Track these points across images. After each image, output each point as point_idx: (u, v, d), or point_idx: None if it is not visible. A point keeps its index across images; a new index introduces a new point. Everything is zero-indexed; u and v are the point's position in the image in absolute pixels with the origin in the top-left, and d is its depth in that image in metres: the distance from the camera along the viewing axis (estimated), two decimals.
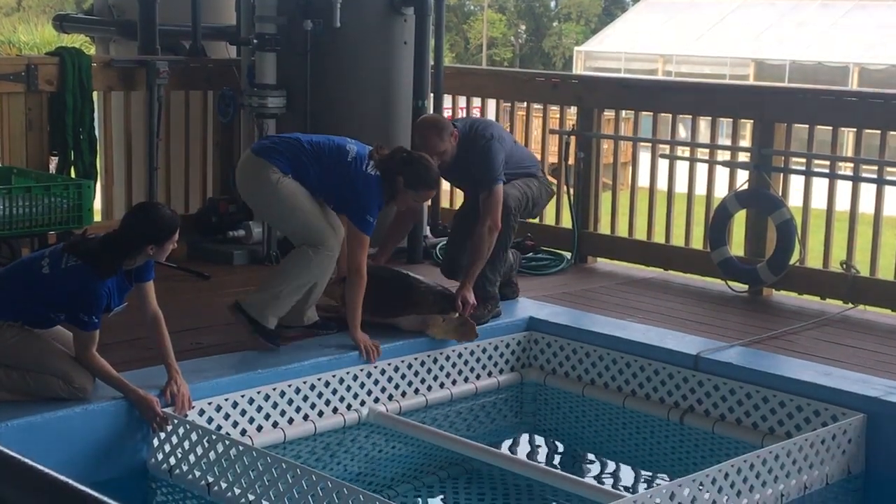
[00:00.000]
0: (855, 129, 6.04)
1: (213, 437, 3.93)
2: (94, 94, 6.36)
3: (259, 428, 4.35)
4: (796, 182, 6.23)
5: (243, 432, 4.29)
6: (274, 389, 4.41)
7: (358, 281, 4.68)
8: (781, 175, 6.16)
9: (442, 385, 5.00)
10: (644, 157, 7.06)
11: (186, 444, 3.99)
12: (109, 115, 6.66)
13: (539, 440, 5.15)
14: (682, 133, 7.24)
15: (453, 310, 4.99)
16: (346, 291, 4.75)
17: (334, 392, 4.60)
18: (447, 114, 7.60)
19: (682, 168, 6.64)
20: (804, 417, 4.49)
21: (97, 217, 6.08)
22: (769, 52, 23.58)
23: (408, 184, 4.75)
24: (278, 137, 4.97)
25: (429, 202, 7.06)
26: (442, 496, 4.45)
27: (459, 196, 7.74)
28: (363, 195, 4.66)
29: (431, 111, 6.84)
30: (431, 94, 6.81)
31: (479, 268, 5.11)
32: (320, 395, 4.56)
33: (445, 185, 7.56)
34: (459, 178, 5.45)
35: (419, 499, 4.36)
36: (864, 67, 22.26)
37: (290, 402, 4.46)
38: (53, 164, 6.26)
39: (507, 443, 5.06)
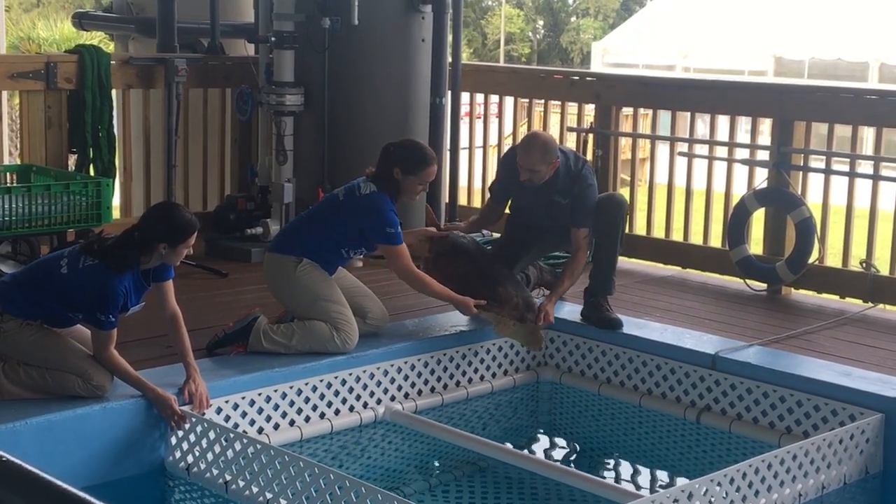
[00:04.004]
0: (875, 127, 6.00)
1: (231, 435, 3.94)
2: (113, 91, 6.38)
3: (276, 426, 4.36)
4: (816, 180, 6.20)
5: (260, 430, 4.31)
6: (291, 387, 4.42)
7: (420, 281, 4.79)
8: (801, 173, 6.13)
9: (458, 383, 5.00)
10: (662, 155, 7.04)
11: (204, 443, 4.00)
12: (128, 113, 6.69)
13: (555, 439, 5.14)
14: (701, 130, 7.21)
15: (532, 320, 4.96)
16: (422, 291, 4.86)
17: (351, 390, 4.61)
18: (464, 110, 7.61)
19: (700, 165, 6.62)
20: (822, 417, 4.47)
21: (116, 214, 6.09)
22: (789, 48, 23.44)
23: (405, 171, 4.74)
24: (285, 225, 5.04)
25: (446, 199, 7.07)
26: (458, 495, 4.45)
27: (477, 193, 7.74)
28: (372, 216, 4.68)
29: (449, 108, 6.85)
30: (449, 91, 6.81)
31: (567, 289, 5.25)
32: (337, 393, 4.57)
33: (463, 181, 7.57)
34: (535, 200, 5.22)
35: (435, 497, 4.36)
36: (885, 63, 22.08)
37: (307, 400, 4.47)
38: (72, 161, 6.29)
39: (523, 441, 5.06)
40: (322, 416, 4.51)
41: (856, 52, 22.41)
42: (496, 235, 7.01)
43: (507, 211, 5.54)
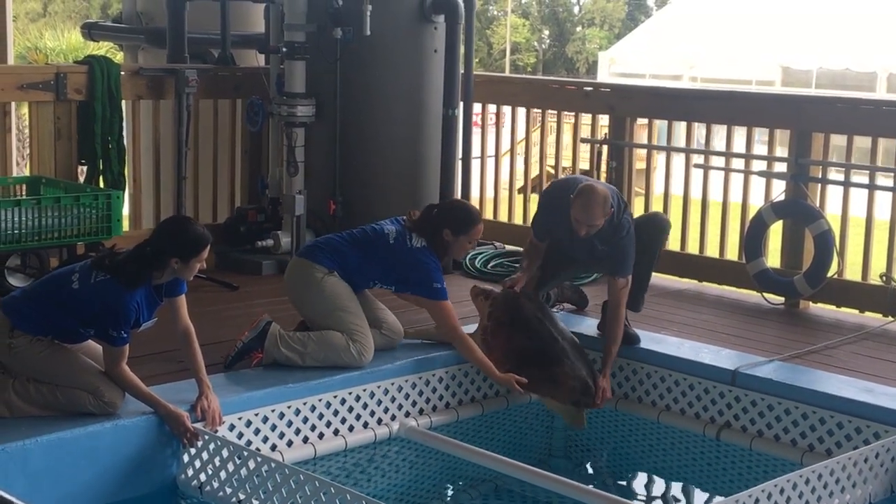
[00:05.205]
0: (895, 139, 5.94)
1: (245, 453, 3.87)
2: (123, 102, 6.33)
3: (289, 443, 4.30)
4: (834, 192, 6.12)
5: (273, 448, 4.24)
6: (304, 404, 4.36)
7: (464, 343, 4.75)
8: (819, 185, 6.06)
9: (473, 399, 4.93)
10: (678, 166, 6.96)
11: (217, 461, 3.94)
12: (138, 124, 6.64)
13: (571, 455, 5.07)
14: (717, 141, 7.14)
15: (587, 403, 4.78)
16: (463, 354, 4.78)
17: (365, 406, 4.55)
18: (476, 119, 7.53)
19: (716, 176, 6.54)
20: (845, 434, 4.40)
21: (125, 227, 6.03)
22: (796, 58, 23.40)
23: (455, 231, 4.76)
24: (321, 238, 5.06)
25: None
26: None
27: (489, 203, 7.66)
28: (420, 271, 4.71)
29: (461, 119, 6.78)
30: (461, 102, 6.75)
31: (616, 352, 4.96)
32: (351, 409, 4.50)
33: (475, 192, 7.50)
34: (579, 246, 5.03)
35: None
36: (893, 73, 22.04)
37: (321, 416, 4.40)
38: (82, 173, 6.23)
39: (539, 458, 4.98)
40: (336, 432, 4.45)
41: (864, 62, 22.38)
42: (508, 247, 6.95)
43: None
